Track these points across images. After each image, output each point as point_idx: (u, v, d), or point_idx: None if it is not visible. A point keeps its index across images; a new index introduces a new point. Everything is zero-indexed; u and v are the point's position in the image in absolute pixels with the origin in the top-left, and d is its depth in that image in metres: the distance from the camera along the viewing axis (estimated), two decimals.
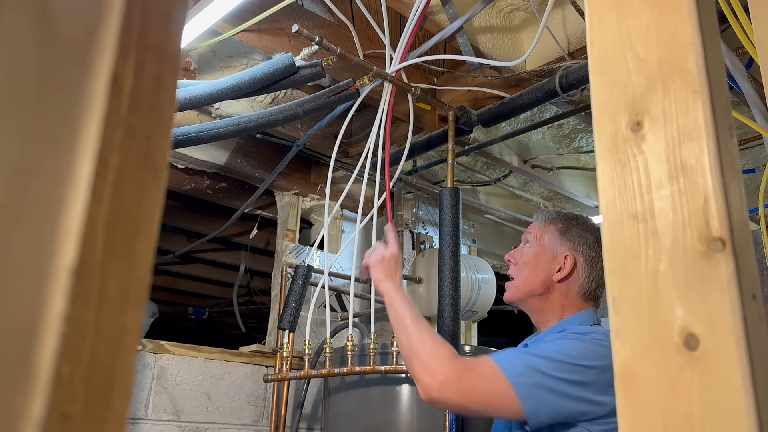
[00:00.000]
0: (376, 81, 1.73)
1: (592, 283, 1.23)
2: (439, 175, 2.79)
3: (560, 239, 1.27)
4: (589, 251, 1.24)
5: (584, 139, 2.47)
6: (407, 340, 1.14)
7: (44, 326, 0.24)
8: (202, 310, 4.45)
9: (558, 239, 1.27)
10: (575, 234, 1.27)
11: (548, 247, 1.27)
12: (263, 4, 1.65)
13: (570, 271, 1.23)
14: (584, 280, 1.23)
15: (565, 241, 1.26)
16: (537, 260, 1.27)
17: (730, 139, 0.42)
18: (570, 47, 1.77)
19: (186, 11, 0.34)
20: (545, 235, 1.29)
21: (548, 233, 1.29)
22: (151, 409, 2.01)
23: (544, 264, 1.25)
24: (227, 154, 2.39)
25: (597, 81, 0.46)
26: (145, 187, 0.29)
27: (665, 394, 0.37)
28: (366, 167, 1.77)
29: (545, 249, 1.27)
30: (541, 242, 1.29)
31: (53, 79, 0.27)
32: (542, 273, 1.25)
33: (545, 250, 1.27)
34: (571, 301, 1.23)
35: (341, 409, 1.93)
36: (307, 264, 1.99)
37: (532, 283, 1.25)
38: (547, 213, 1.34)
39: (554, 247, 1.26)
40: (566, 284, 1.23)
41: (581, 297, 1.23)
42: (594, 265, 1.24)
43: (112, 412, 0.27)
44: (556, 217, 1.31)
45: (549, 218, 1.32)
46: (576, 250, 1.25)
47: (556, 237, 1.27)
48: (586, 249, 1.25)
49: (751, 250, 0.40)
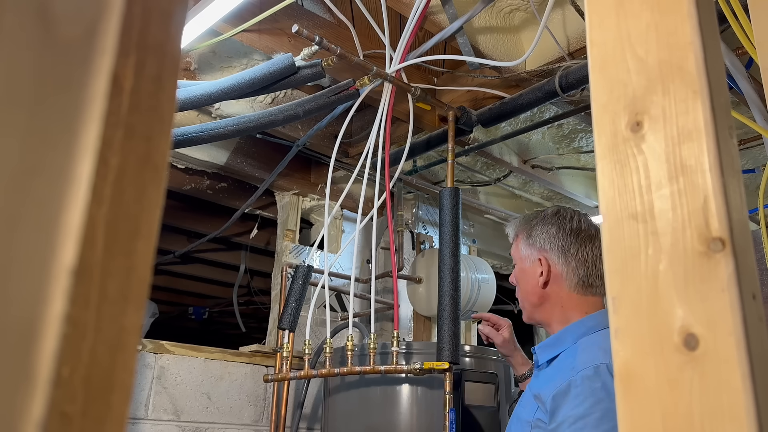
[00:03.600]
0: (376, 81, 1.73)
1: (579, 271, 1.20)
2: (439, 175, 2.79)
3: (528, 245, 1.27)
4: (557, 242, 1.22)
5: (584, 139, 2.47)
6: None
7: (44, 326, 0.24)
8: (202, 310, 4.45)
9: (527, 246, 1.27)
10: (537, 233, 1.25)
11: (524, 257, 1.27)
12: (263, 4, 1.65)
13: (548, 271, 1.21)
14: (567, 273, 1.20)
15: (533, 245, 1.26)
16: (522, 274, 1.27)
17: (729, 139, 0.42)
18: (570, 47, 1.77)
19: (186, 11, 0.34)
20: (518, 248, 1.30)
21: (518, 245, 1.29)
22: (151, 409, 2.01)
23: (528, 275, 1.25)
24: (227, 154, 2.39)
25: (597, 81, 0.46)
26: (145, 187, 0.29)
27: (665, 394, 0.37)
28: (366, 167, 1.77)
29: (522, 260, 1.27)
30: (518, 256, 1.29)
31: (53, 79, 0.27)
32: (530, 284, 1.24)
33: (523, 261, 1.27)
34: (567, 299, 1.20)
35: (341, 409, 1.93)
36: (307, 264, 1.99)
37: (529, 298, 1.25)
38: (513, 227, 1.34)
39: (528, 254, 1.26)
40: (555, 285, 1.21)
41: (576, 291, 1.20)
42: (568, 254, 1.21)
43: (112, 412, 0.27)
44: (518, 227, 1.31)
45: (514, 231, 1.33)
46: (544, 248, 1.23)
47: (525, 244, 1.27)
48: (553, 242, 1.22)
49: (750, 250, 0.40)
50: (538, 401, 1.11)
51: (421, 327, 2.68)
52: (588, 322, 1.16)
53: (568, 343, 1.16)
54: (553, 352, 1.19)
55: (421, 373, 1.63)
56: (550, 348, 1.20)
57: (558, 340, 1.19)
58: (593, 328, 1.15)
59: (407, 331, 2.64)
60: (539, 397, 1.11)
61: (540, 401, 1.10)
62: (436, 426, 1.71)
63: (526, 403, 1.18)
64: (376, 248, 2.61)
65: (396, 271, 2.06)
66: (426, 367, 1.61)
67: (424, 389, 1.78)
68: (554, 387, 1.07)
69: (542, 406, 1.09)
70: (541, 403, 1.09)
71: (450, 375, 1.59)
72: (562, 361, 1.15)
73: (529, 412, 1.13)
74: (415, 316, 2.67)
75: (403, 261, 2.62)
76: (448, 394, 1.57)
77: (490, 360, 1.92)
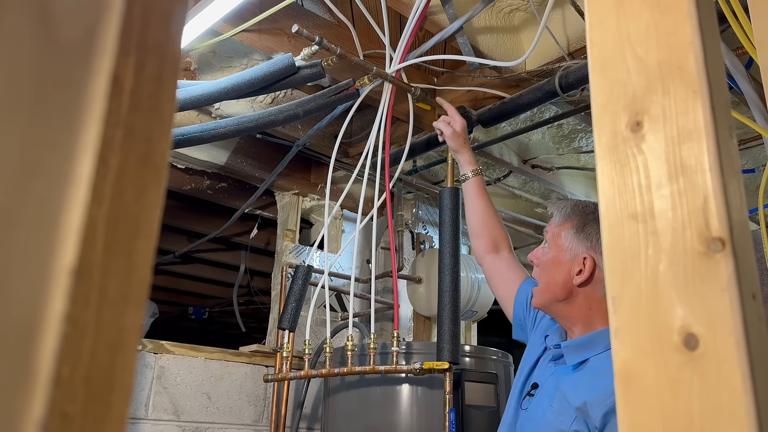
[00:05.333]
0: (376, 81, 1.73)
1: None
2: (439, 175, 2.79)
3: (577, 238, 1.16)
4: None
5: (584, 139, 2.47)
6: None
7: (44, 326, 0.24)
8: (202, 310, 4.45)
9: (575, 238, 1.16)
10: (593, 231, 1.15)
11: (565, 248, 1.17)
12: (263, 4, 1.65)
13: (590, 272, 1.13)
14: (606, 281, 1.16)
15: (582, 240, 1.15)
16: (555, 263, 1.17)
17: (729, 139, 0.42)
18: (570, 47, 1.77)
19: (186, 11, 0.34)
20: (561, 234, 1.18)
21: (564, 231, 1.18)
22: (151, 409, 2.01)
23: (563, 267, 1.15)
24: (227, 154, 2.39)
25: (597, 81, 0.46)
26: (146, 187, 0.29)
27: (665, 394, 0.37)
28: (366, 167, 1.77)
29: (562, 250, 1.17)
30: (557, 242, 1.18)
31: (53, 79, 0.27)
32: (561, 277, 1.15)
33: (562, 251, 1.17)
34: (598, 304, 1.12)
35: (341, 409, 1.93)
36: (307, 264, 1.99)
37: (554, 289, 1.16)
38: (562, 207, 1.22)
39: (572, 247, 1.16)
40: (590, 287, 1.13)
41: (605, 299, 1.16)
42: None
43: (112, 412, 0.27)
44: (571, 213, 1.20)
45: (564, 214, 1.21)
46: (595, 249, 1.14)
47: (573, 236, 1.17)
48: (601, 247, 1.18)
49: (750, 250, 0.40)
50: (579, 413, 1.03)
51: (421, 327, 2.68)
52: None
53: (600, 348, 1.10)
54: (584, 355, 1.11)
55: (421, 373, 1.63)
56: (581, 349, 1.12)
57: (591, 342, 1.11)
58: None
59: (407, 331, 2.64)
60: (583, 409, 1.03)
61: (583, 414, 1.03)
62: (436, 426, 1.71)
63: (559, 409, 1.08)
64: (376, 248, 2.61)
65: (396, 271, 2.06)
66: (426, 367, 1.61)
67: (424, 389, 1.78)
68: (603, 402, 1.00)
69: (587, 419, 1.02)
70: (586, 416, 1.02)
71: (450, 375, 1.59)
72: (597, 368, 1.08)
73: (564, 422, 1.05)
74: (415, 316, 2.67)
75: (403, 261, 2.62)
76: (448, 394, 1.57)
77: (490, 360, 1.92)
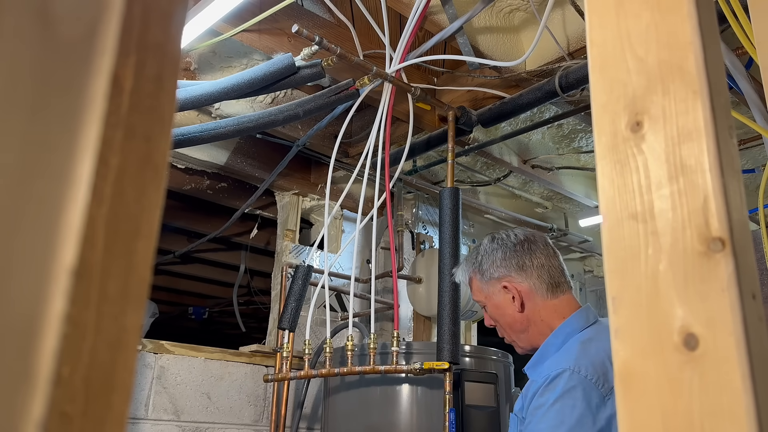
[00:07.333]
0: (376, 81, 1.73)
1: (543, 277, 1.23)
2: (439, 175, 2.79)
3: (487, 282, 1.28)
4: (511, 262, 1.24)
5: (584, 139, 2.47)
6: None
7: (44, 326, 0.24)
8: (202, 310, 4.45)
9: (486, 284, 1.28)
10: (488, 266, 1.27)
11: (490, 295, 1.28)
12: (263, 4, 1.65)
13: (517, 291, 1.23)
14: (535, 284, 1.22)
15: (490, 279, 1.27)
16: (498, 311, 1.27)
17: (729, 139, 0.42)
18: (570, 47, 1.77)
19: (186, 11, 0.34)
20: (478, 290, 1.30)
21: (477, 286, 1.30)
22: (151, 408, 2.01)
23: (504, 308, 1.25)
24: (227, 154, 2.39)
25: (597, 81, 0.46)
26: (146, 187, 0.29)
27: (665, 394, 0.37)
28: (366, 167, 1.77)
29: (491, 298, 1.28)
30: (483, 297, 1.29)
31: (53, 79, 0.27)
32: (509, 316, 1.25)
33: (492, 299, 1.27)
34: (544, 308, 1.22)
35: (341, 408, 1.93)
36: (307, 264, 1.99)
37: (515, 328, 1.25)
38: (460, 275, 1.36)
39: (491, 290, 1.27)
40: (530, 303, 1.23)
41: (548, 296, 1.22)
42: (526, 267, 1.23)
43: (112, 412, 0.27)
44: (467, 271, 1.33)
45: (464, 279, 1.34)
46: (502, 275, 1.25)
47: (484, 283, 1.28)
48: (507, 265, 1.25)
49: (750, 250, 0.40)
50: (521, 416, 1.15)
51: (421, 327, 2.68)
52: (566, 329, 1.18)
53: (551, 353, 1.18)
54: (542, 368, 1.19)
55: (421, 373, 1.63)
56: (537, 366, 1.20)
57: (541, 356, 1.20)
58: (570, 334, 1.17)
59: (407, 331, 2.64)
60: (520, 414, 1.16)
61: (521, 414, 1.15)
62: (436, 426, 1.71)
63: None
64: (376, 248, 2.61)
65: (396, 271, 2.06)
66: (426, 367, 1.61)
67: (424, 389, 1.78)
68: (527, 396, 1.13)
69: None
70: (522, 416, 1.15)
71: (450, 375, 1.58)
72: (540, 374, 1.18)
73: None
74: (415, 316, 2.67)
75: (403, 261, 2.62)
76: (448, 394, 1.57)
77: (490, 360, 1.92)
